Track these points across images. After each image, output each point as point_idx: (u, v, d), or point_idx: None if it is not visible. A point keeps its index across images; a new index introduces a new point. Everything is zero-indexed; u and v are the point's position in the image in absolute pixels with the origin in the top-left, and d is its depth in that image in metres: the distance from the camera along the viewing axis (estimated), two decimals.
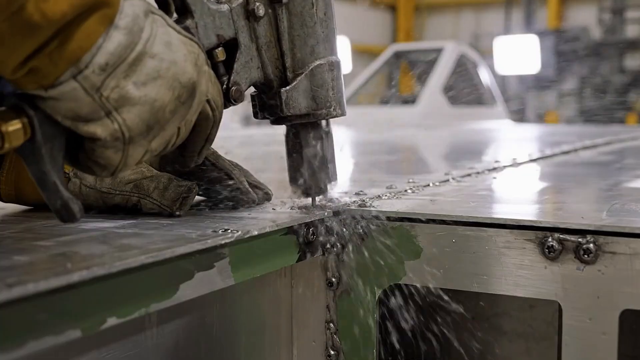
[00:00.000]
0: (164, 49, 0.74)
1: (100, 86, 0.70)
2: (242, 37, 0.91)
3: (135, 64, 0.72)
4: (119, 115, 0.72)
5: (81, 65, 0.68)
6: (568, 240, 0.84)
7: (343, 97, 1.00)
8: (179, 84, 0.76)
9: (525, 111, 13.03)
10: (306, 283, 1.01)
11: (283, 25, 0.94)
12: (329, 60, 0.97)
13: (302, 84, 0.95)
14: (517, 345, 1.38)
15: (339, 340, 0.99)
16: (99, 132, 0.72)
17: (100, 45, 0.69)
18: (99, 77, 0.69)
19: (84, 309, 0.63)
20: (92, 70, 0.69)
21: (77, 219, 0.71)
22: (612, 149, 2.57)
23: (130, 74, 0.72)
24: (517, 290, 0.88)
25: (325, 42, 0.96)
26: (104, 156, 0.74)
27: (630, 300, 0.81)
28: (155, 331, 0.84)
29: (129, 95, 0.72)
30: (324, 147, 0.99)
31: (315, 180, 0.99)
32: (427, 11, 18.42)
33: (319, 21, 0.95)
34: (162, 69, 0.74)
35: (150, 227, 0.85)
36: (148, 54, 0.73)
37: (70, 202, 0.70)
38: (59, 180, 0.70)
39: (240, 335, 0.97)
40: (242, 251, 0.82)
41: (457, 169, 1.59)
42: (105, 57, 0.69)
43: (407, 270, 0.93)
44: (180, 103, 0.77)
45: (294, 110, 0.95)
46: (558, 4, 16.18)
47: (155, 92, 0.74)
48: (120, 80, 0.71)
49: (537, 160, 1.99)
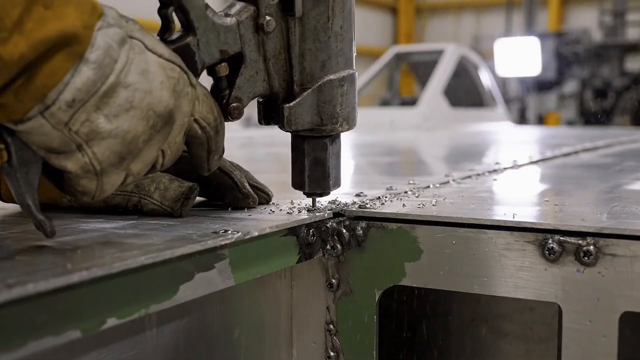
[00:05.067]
0: (139, 78, 0.72)
1: (68, 121, 0.69)
2: (248, 50, 0.88)
3: (107, 95, 0.70)
4: (89, 148, 0.71)
5: (47, 101, 0.67)
6: (568, 243, 0.84)
7: (354, 111, 0.96)
8: (153, 113, 0.74)
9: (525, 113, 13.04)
10: (306, 284, 1.01)
11: (294, 38, 0.90)
12: (340, 75, 0.93)
13: (308, 99, 0.92)
14: (516, 347, 1.38)
15: (339, 341, 0.99)
16: (69, 165, 0.72)
17: (67, 81, 0.67)
18: (67, 113, 0.68)
19: (83, 309, 0.63)
20: (59, 107, 0.68)
21: (49, 237, 0.74)
22: (612, 151, 2.57)
23: (102, 106, 0.70)
24: (517, 292, 0.88)
25: (338, 56, 0.92)
26: (80, 184, 0.74)
27: (630, 303, 0.81)
28: (155, 332, 0.84)
29: (99, 129, 0.70)
30: (327, 157, 0.97)
31: (314, 188, 0.98)
32: (428, 13, 18.43)
33: (333, 35, 0.91)
34: (136, 99, 0.72)
35: (150, 228, 0.85)
36: (122, 84, 0.71)
37: (43, 223, 0.73)
38: (33, 203, 0.72)
39: (240, 336, 0.97)
40: (242, 252, 0.82)
41: (458, 171, 1.59)
42: (72, 93, 0.68)
43: (407, 272, 0.93)
44: (156, 132, 0.76)
45: (296, 126, 0.93)
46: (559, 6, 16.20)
47: (128, 124, 0.72)
48: (90, 114, 0.70)
49: (538, 162, 1.99)
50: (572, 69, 13.23)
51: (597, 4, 14.70)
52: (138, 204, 0.95)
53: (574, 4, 16.31)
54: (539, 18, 14.57)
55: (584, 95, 13.17)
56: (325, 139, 0.96)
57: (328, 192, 0.99)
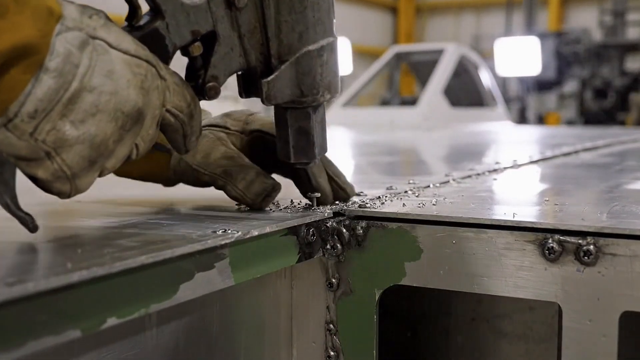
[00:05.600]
0: (103, 80, 0.71)
1: (33, 132, 0.68)
2: (221, 28, 0.86)
3: (72, 102, 0.69)
4: (58, 155, 0.70)
5: (10, 114, 0.66)
6: (568, 242, 0.84)
7: (336, 78, 0.94)
8: (121, 114, 0.73)
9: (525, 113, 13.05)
10: (306, 284, 1.01)
11: (269, 11, 0.88)
12: (319, 44, 0.90)
13: (287, 72, 0.89)
14: (516, 347, 1.38)
15: (339, 341, 0.99)
16: (40, 173, 0.71)
17: (28, 92, 0.66)
18: (30, 124, 0.67)
19: (83, 309, 0.63)
20: (21, 119, 0.67)
21: (33, 232, 0.75)
22: (612, 150, 2.57)
23: (67, 113, 0.69)
24: (517, 291, 0.88)
25: (316, 25, 0.89)
26: (54, 188, 0.73)
27: (630, 302, 0.81)
28: (155, 331, 0.84)
29: (65, 137, 0.69)
30: (311, 125, 0.95)
31: (300, 157, 0.96)
32: (428, 13, 18.43)
33: (309, 5, 0.88)
34: (102, 102, 0.71)
35: (151, 227, 0.85)
36: (86, 89, 0.69)
37: (23, 220, 0.74)
38: (10, 201, 0.73)
39: (240, 335, 0.97)
40: (242, 252, 0.82)
41: (458, 170, 1.59)
42: (34, 104, 0.67)
43: (407, 271, 0.93)
44: (125, 131, 0.74)
45: (275, 100, 0.91)
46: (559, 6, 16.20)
47: (95, 128, 0.71)
48: (56, 122, 0.68)
49: (538, 161, 1.99)
50: (572, 69, 13.24)
51: (597, 4, 14.71)
52: (223, 188, 0.99)
53: (574, 3, 16.31)
54: (539, 18, 14.58)
55: (584, 95, 13.18)
56: (307, 108, 0.94)
57: (314, 160, 0.97)
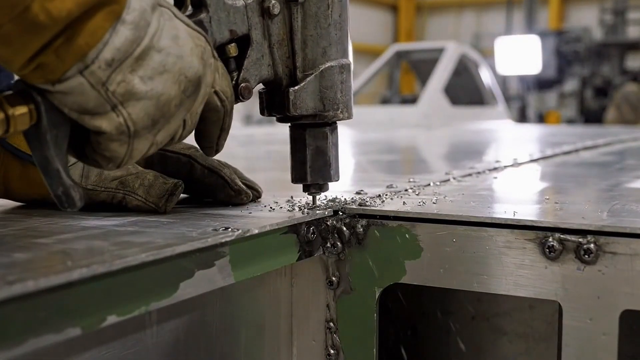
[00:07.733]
0: (170, 43, 0.75)
1: (106, 81, 0.70)
2: (255, 33, 0.92)
3: (141, 58, 0.72)
4: (125, 109, 0.72)
5: (87, 60, 0.69)
6: (568, 241, 0.84)
7: (351, 101, 1.00)
8: (185, 77, 0.77)
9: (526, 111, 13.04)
10: (306, 282, 1.01)
11: (297, 24, 0.94)
12: (340, 62, 0.96)
13: (311, 84, 0.95)
14: (517, 345, 1.38)
15: (339, 339, 0.99)
16: (104, 125, 0.73)
17: (106, 40, 0.69)
18: (105, 72, 0.70)
19: (84, 306, 0.63)
20: (99, 66, 0.69)
21: (77, 206, 0.72)
22: (612, 149, 2.57)
23: (137, 68, 0.72)
24: (518, 290, 0.88)
25: (337, 44, 0.96)
26: (110, 149, 0.75)
27: (630, 301, 0.81)
28: (155, 329, 0.84)
29: (135, 90, 0.72)
30: (328, 146, 0.99)
31: (316, 178, 0.99)
32: (428, 11, 18.42)
33: (333, 23, 0.95)
34: (169, 63, 0.75)
35: (151, 225, 0.85)
36: (155, 48, 0.73)
37: (72, 189, 0.71)
38: (62, 167, 0.71)
39: (240, 334, 0.97)
40: (243, 250, 0.82)
41: (458, 169, 1.59)
42: (112, 52, 0.70)
43: (407, 270, 0.93)
44: (186, 97, 0.78)
45: (300, 110, 0.95)
46: (559, 5, 16.19)
47: (162, 87, 0.74)
48: (126, 75, 0.71)
49: (538, 160, 1.99)
50: (572, 67, 13.23)
51: (598, 2, 14.70)
52: (123, 201, 0.96)
53: (575, 2, 16.30)
54: (539, 16, 14.57)
55: (585, 94, 13.17)
56: (325, 127, 0.98)
57: (330, 181, 1.00)
